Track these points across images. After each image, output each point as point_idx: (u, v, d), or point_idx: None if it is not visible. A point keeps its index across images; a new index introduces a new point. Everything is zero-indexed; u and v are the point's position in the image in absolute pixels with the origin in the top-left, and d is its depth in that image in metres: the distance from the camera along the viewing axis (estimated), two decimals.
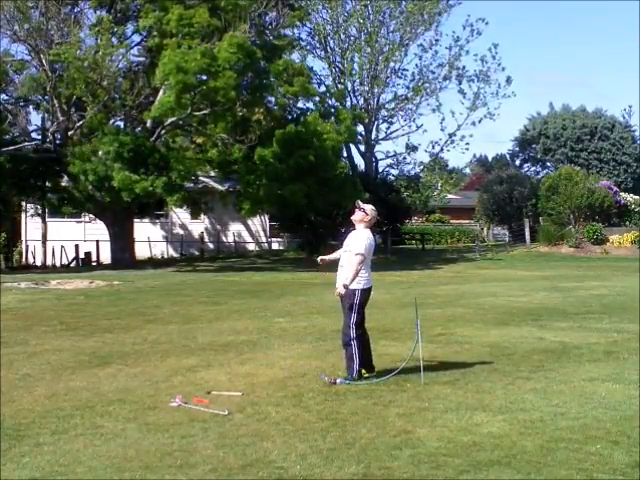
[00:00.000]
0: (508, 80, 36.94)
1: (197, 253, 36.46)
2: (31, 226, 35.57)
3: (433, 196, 39.68)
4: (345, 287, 7.35)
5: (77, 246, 33.16)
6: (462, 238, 44.07)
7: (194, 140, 28.49)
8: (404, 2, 34.88)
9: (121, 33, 27.06)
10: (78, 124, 26.98)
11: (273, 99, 28.36)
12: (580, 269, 25.15)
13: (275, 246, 38.76)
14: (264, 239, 39.29)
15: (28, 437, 5.61)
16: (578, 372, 7.80)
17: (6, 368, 8.22)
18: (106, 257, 30.98)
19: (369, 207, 7.70)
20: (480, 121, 37.44)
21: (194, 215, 36.71)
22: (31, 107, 30.09)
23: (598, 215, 35.76)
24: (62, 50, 24.63)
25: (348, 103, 34.88)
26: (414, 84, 36.30)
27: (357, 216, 7.66)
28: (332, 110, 29.74)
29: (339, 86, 34.92)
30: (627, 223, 37.23)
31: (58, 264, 33.02)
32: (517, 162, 55.68)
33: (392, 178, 38.69)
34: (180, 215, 37.23)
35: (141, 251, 33.10)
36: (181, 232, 38.34)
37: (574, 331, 10.77)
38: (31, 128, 29.75)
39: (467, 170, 61.87)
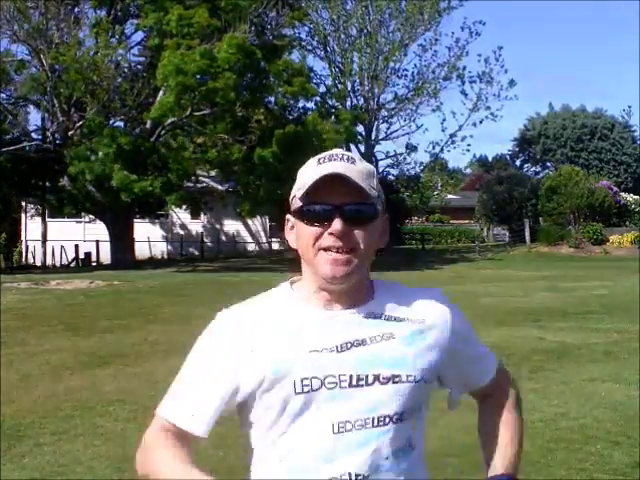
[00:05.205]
0: (511, 83, 36.95)
1: (197, 253, 36.47)
2: (31, 226, 35.55)
3: (433, 196, 39.68)
4: None
5: (77, 246, 33.14)
6: (462, 238, 44.07)
7: (194, 140, 28.50)
8: (404, 2, 34.90)
9: (120, 33, 27.05)
10: (78, 124, 26.98)
11: (273, 99, 28.35)
12: (580, 269, 25.11)
13: (275, 246, 38.74)
14: (264, 239, 39.28)
15: (28, 437, 5.60)
16: (578, 372, 7.79)
17: (6, 368, 8.21)
18: (106, 257, 30.96)
19: None
20: (481, 122, 37.49)
21: (194, 215, 36.73)
22: (31, 106, 30.08)
23: (598, 215, 35.75)
24: (62, 51, 24.62)
25: (348, 103, 34.90)
26: (414, 84, 36.32)
27: None
28: (332, 110, 29.72)
29: (339, 86, 34.92)
30: (627, 223, 37.22)
31: (58, 264, 33.00)
32: (517, 162, 55.70)
33: (392, 178, 38.71)
34: (180, 215, 37.23)
35: (141, 251, 33.09)
36: (181, 232, 38.33)
37: (574, 331, 10.75)
38: (31, 128, 29.75)
39: (467, 170, 61.85)
